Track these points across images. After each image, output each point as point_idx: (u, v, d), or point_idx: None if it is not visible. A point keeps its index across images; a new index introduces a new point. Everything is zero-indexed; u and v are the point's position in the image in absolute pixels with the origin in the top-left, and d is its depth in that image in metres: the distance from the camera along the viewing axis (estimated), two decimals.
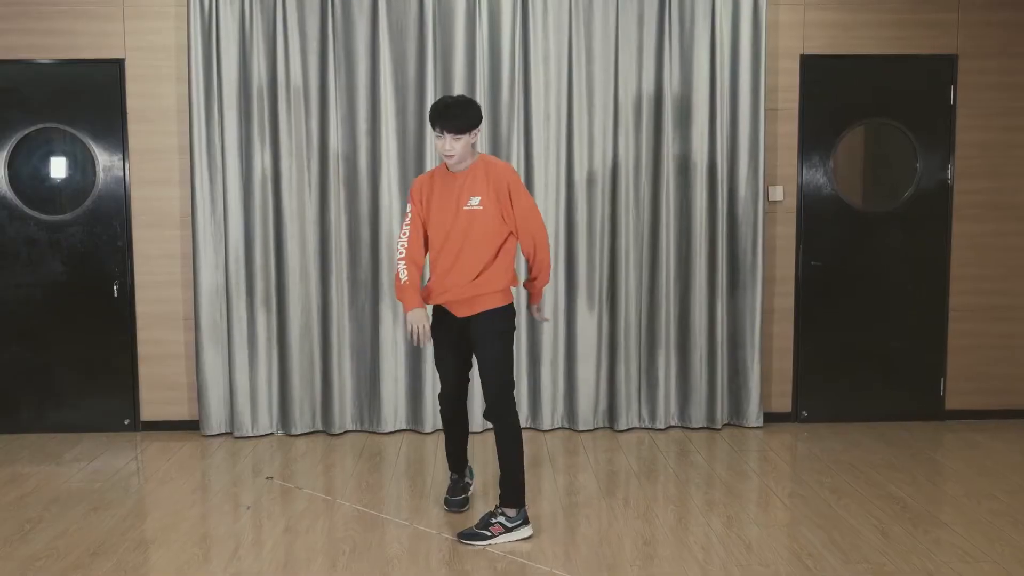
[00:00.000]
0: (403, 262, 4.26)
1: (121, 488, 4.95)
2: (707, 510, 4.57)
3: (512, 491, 4.23)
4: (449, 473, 4.72)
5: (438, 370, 4.49)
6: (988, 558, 3.97)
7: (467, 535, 4.19)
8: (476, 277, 4.17)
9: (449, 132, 4.07)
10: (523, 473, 4.26)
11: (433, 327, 4.35)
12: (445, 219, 4.19)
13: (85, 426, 5.98)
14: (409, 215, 4.30)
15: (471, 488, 4.74)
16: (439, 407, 4.61)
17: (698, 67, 5.78)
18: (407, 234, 4.29)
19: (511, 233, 4.23)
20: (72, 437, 5.89)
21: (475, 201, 4.14)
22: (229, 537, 4.25)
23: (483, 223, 4.15)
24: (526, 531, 4.22)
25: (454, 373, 4.43)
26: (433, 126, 4.11)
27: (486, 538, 4.16)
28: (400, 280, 4.26)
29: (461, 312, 4.26)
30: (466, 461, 4.71)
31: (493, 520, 4.21)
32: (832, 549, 4.06)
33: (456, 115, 4.08)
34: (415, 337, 4.23)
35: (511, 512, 4.22)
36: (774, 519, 4.45)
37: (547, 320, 4.35)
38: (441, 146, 4.11)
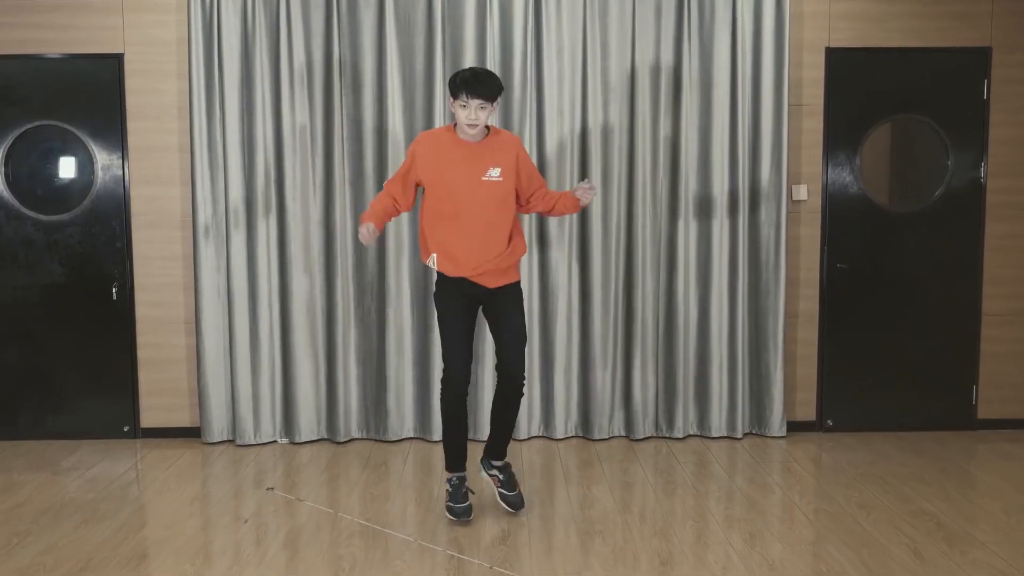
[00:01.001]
0: (383, 190, 4.36)
1: (116, 499, 4.76)
2: (728, 526, 4.33)
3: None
4: (449, 477, 4.49)
5: (449, 346, 4.33)
6: None
7: (517, 500, 4.47)
8: (507, 247, 4.27)
9: (478, 99, 4.06)
10: None
11: (449, 298, 4.32)
12: (458, 188, 4.18)
13: (83, 433, 5.80)
14: (402, 164, 4.29)
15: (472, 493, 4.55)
16: (443, 395, 4.38)
17: (718, 61, 5.55)
18: (392, 178, 4.33)
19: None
20: (70, 444, 5.72)
21: (495, 172, 4.18)
22: (224, 552, 4.05)
23: (506, 193, 4.22)
24: None
25: (467, 347, 4.35)
26: (458, 94, 4.09)
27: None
28: (372, 202, 4.35)
29: (495, 283, 4.29)
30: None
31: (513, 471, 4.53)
32: (862, 570, 3.82)
33: (485, 82, 4.09)
34: (363, 236, 4.19)
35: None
36: (799, 536, 4.21)
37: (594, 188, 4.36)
38: (466, 115, 4.09)
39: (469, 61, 5.51)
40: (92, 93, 5.64)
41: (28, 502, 4.71)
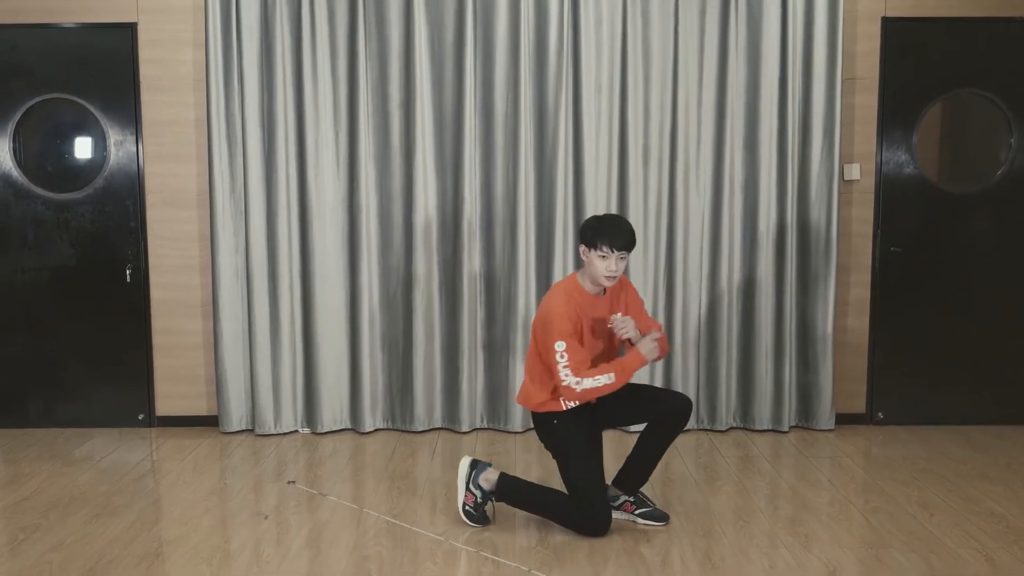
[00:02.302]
0: (575, 377, 3.81)
1: (129, 492, 4.50)
2: (780, 526, 4.03)
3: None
4: (488, 490, 4.06)
5: (589, 475, 3.95)
6: None
7: (660, 514, 4.09)
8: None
9: (620, 249, 3.82)
10: None
11: (575, 430, 3.97)
12: (595, 342, 3.97)
13: (96, 421, 5.56)
14: (567, 355, 3.80)
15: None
16: (599, 520, 3.92)
17: (768, 31, 5.22)
18: (574, 366, 3.82)
19: None
20: (83, 433, 5.48)
21: (618, 316, 3.92)
22: (242, 552, 3.78)
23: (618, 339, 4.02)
24: None
25: (599, 460, 4.09)
26: (596, 244, 3.82)
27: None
28: (610, 383, 3.83)
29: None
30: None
31: (625, 499, 4.12)
32: None
33: (627, 229, 3.86)
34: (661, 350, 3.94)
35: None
36: (859, 538, 3.91)
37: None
38: (606, 266, 3.82)
39: (501, 31, 5.20)
40: (104, 64, 5.37)
41: (36, 495, 4.46)
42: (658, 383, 5.41)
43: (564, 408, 3.90)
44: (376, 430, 5.50)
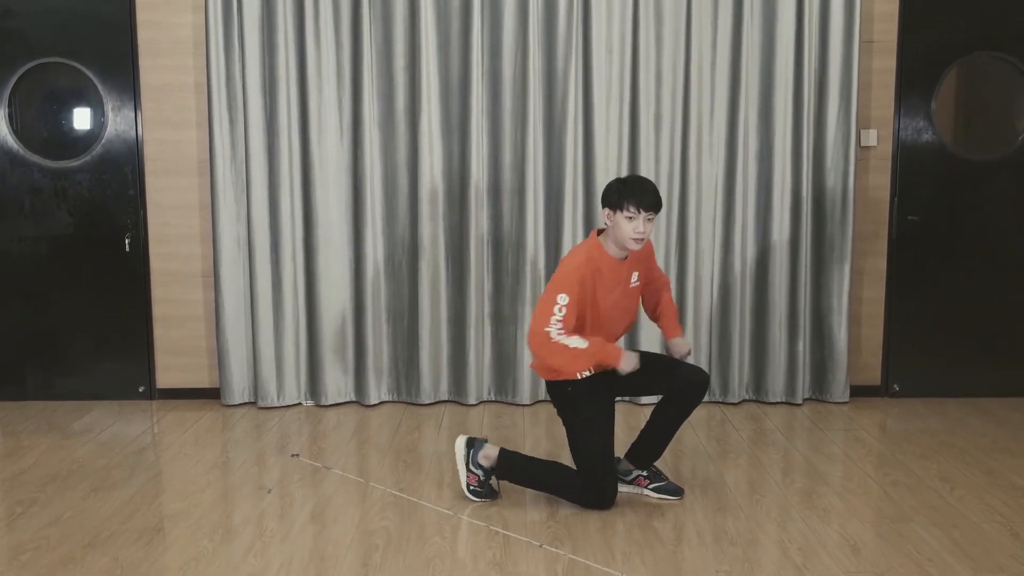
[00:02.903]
0: (565, 335, 3.70)
1: (129, 465, 4.40)
2: (798, 500, 3.92)
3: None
4: (489, 468, 3.95)
5: (598, 444, 3.85)
6: None
7: (675, 488, 3.99)
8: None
9: (647, 210, 3.70)
10: None
11: (590, 396, 3.84)
12: (612, 308, 3.85)
13: (96, 394, 5.46)
14: (565, 309, 3.68)
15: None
16: (604, 492, 3.84)
17: None
18: (565, 325, 3.69)
19: None
20: (82, 405, 5.37)
21: (635, 277, 3.91)
22: (245, 527, 3.68)
23: (638, 296, 4.03)
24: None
25: (611, 432, 3.98)
26: (623, 205, 3.70)
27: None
28: (580, 348, 3.69)
29: None
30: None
31: (638, 474, 4.03)
32: (956, 554, 3.41)
33: (653, 189, 3.75)
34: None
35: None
36: (879, 512, 3.80)
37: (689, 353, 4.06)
38: (634, 228, 3.69)
39: None
40: (101, 28, 5.22)
41: (34, 468, 4.36)
42: None
43: (578, 377, 3.78)
44: (381, 403, 5.39)
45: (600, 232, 3.87)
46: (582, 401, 3.83)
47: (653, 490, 3.96)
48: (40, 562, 3.36)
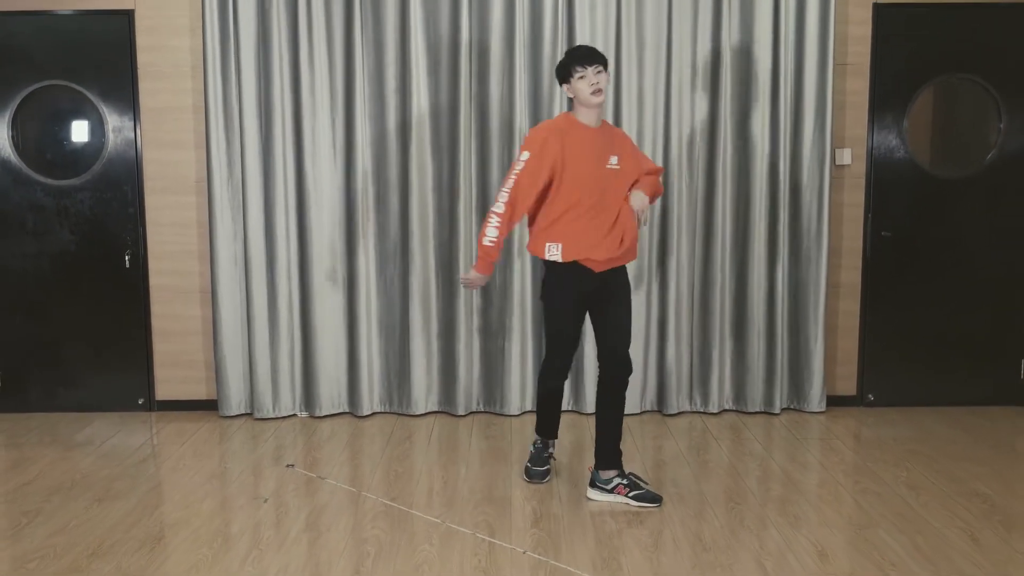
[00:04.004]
0: (498, 218, 4.01)
1: (130, 476, 4.57)
2: (770, 508, 4.11)
3: (618, 451, 4.25)
4: (535, 440, 4.46)
5: (561, 334, 4.19)
6: None
7: (651, 496, 4.17)
8: (630, 231, 4.10)
9: (594, 63, 3.98)
10: None
11: (565, 287, 4.11)
12: (587, 177, 4.01)
13: (97, 405, 5.63)
14: (524, 164, 3.98)
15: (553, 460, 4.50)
16: (550, 380, 4.31)
17: (760, 15, 5.27)
18: (517, 184, 3.98)
19: None
20: (83, 417, 5.55)
21: (614, 160, 4.06)
22: (243, 535, 3.85)
23: (624, 183, 4.10)
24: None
25: (578, 334, 4.27)
26: (573, 70, 3.99)
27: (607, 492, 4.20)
28: (485, 240, 4.03)
29: (614, 264, 4.14)
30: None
31: (618, 482, 4.18)
32: (918, 558, 3.59)
33: (593, 48, 4.04)
34: (467, 285, 4.22)
35: (614, 473, 4.22)
36: (847, 519, 3.99)
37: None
38: (588, 84, 3.97)
39: (497, 15, 5.25)
40: (102, 51, 5.41)
41: (39, 479, 4.53)
42: (652, 365, 5.49)
43: (547, 256, 4.06)
44: (374, 413, 5.57)
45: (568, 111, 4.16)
46: (556, 292, 4.13)
47: (633, 498, 4.15)
48: (46, 570, 3.53)
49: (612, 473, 4.20)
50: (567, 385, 5.44)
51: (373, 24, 5.26)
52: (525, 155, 3.98)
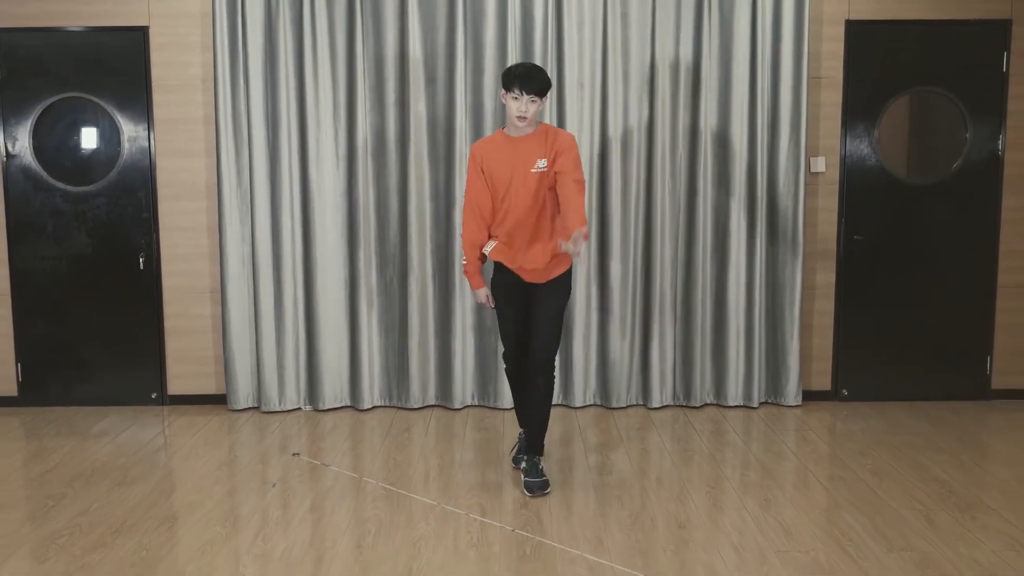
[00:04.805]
0: (462, 238, 4.44)
1: (146, 464, 4.88)
2: (743, 492, 4.42)
3: (542, 441, 4.56)
4: (521, 432, 4.70)
5: (503, 328, 4.51)
6: None
7: (537, 486, 4.39)
8: (552, 248, 4.31)
9: (530, 93, 4.16)
10: None
11: (498, 285, 4.47)
12: (501, 184, 4.27)
13: (112, 400, 5.93)
14: (467, 180, 4.38)
15: None
16: (505, 368, 4.64)
17: (738, 32, 5.57)
18: (466, 200, 4.40)
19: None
20: (99, 411, 5.85)
21: (542, 163, 4.23)
22: (253, 516, 4.17)
23: (547, 185, 4.25)
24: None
25: (518, 328, 4.49)
26: (510, 88, 4.18)
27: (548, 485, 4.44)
28: (463, 261, 4.49)
29: (537, 279, 4.39)
30: None
31: (542, 466, 4.48)
32: (875, 535, 3.90)
33: (538, 77, 4.19)
34: (487, 301, 4.53)
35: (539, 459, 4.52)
36: (813, 502, 4.29)
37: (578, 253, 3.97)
38: (517, 107, 4.18)
39: (490, 33, 5.55)
40: (118, 65, 5.72)
41: (60, 466, 4.83)
42: (636, 363, 5.80)
43: (489, 257, 4.40)
44: (374, 407, 5.88)
45: None
46: (498, 293, 4.50)
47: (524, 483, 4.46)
48: (75, 545, 3.84)
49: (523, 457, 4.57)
50: (556, 380, 5.73)
51: (374, 39, 5.57)
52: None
